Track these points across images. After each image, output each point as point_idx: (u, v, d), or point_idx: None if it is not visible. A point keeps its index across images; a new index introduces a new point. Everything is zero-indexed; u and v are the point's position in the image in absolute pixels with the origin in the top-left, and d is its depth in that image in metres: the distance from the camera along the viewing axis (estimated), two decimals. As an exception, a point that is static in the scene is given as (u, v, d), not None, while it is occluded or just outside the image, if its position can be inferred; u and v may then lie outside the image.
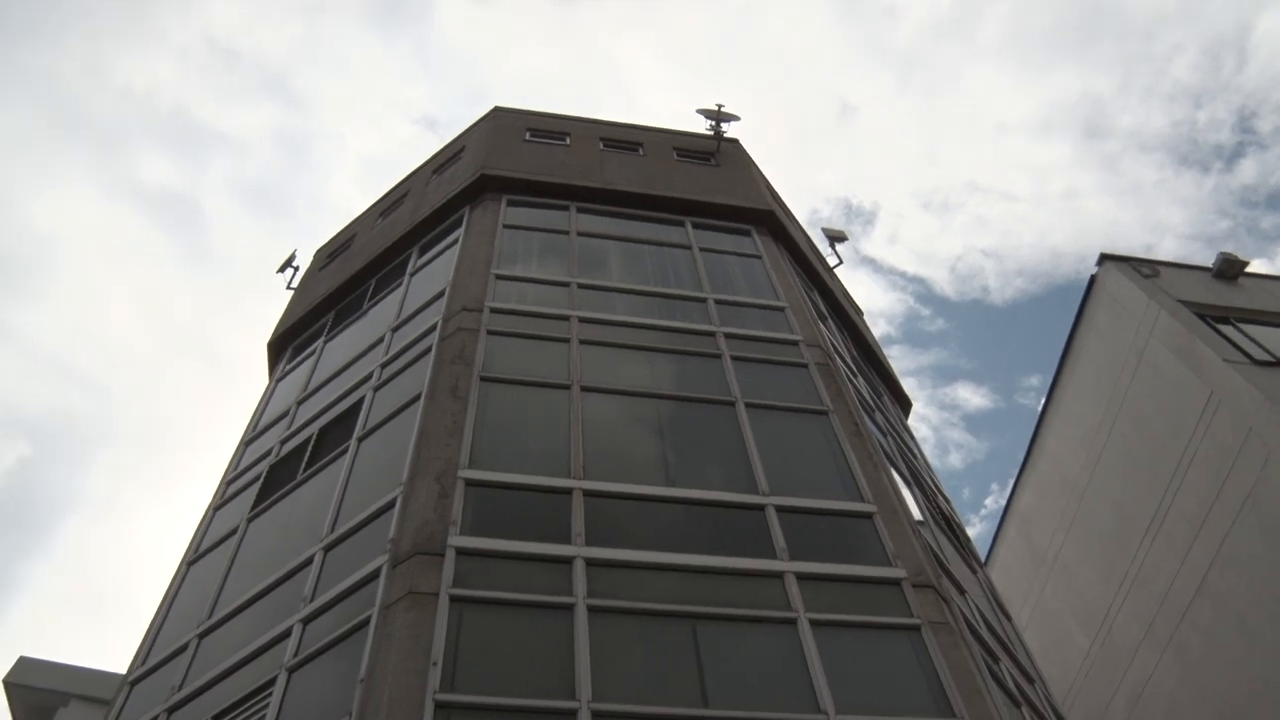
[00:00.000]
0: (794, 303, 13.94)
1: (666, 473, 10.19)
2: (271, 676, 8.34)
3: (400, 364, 12.38)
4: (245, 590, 10.08)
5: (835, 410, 11.49)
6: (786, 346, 12.77)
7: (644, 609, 8.25)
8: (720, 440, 10.75)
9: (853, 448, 10.83)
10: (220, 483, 13.61)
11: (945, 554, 11.29)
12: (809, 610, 8.41)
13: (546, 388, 11.14)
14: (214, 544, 11.89)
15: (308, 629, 8.66)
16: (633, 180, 16.87)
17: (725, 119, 18.74)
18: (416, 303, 13.86)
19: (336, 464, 11.22)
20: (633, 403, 11.32)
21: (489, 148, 17.53)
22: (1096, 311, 19.58)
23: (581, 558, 8.58)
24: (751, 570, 8.86)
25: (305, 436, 12.60)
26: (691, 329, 12.75)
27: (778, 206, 17.96)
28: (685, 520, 9.50)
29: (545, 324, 12.39)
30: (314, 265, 20.26)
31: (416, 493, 9.22)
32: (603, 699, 7.21)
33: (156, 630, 10.96)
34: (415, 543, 8.50)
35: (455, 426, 10.08)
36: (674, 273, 14.35)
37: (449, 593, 7.99)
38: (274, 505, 11.63)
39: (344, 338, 15.19)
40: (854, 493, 10.17)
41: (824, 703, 7.48)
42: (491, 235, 14.54)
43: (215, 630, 9.93)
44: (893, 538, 9.55)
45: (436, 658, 7.33)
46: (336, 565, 9.28)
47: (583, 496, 9.38)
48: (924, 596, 8.89)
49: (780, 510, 9.60)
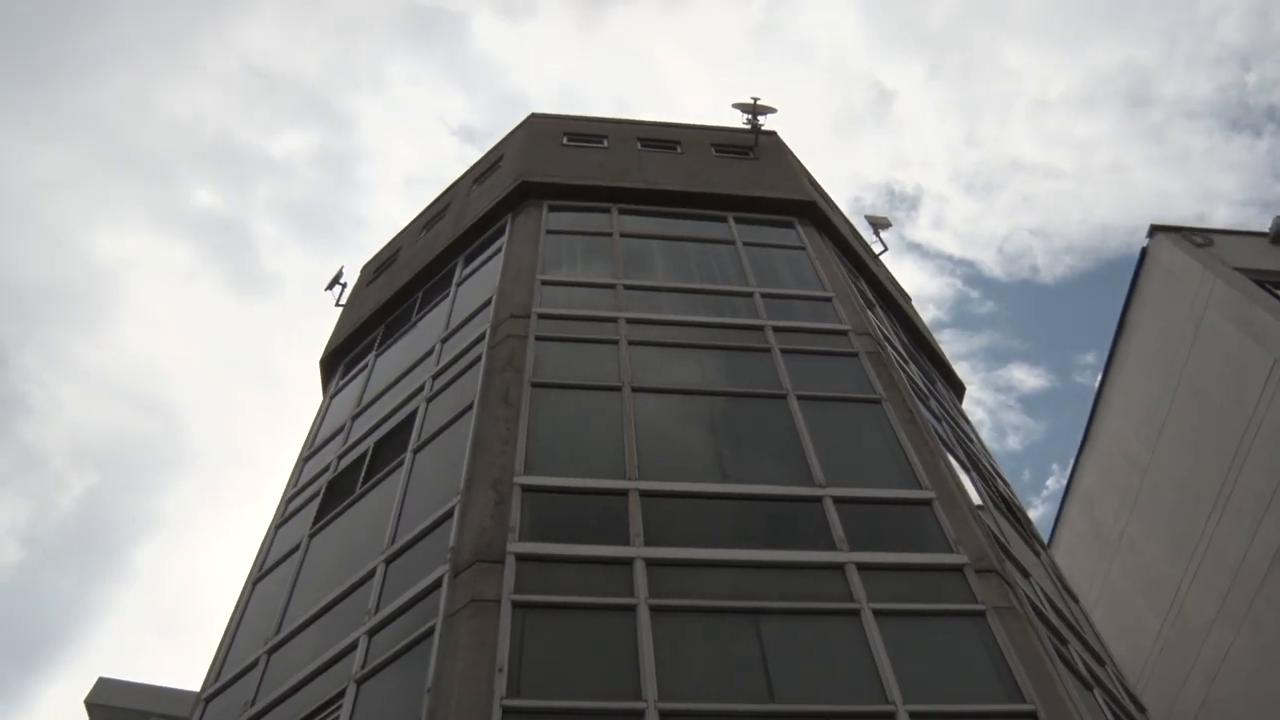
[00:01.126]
0: (841, 292, 13.85)
1: (721, 469, 10.18)
2: (341, 689, 8.42)
3: (451, 374, 12.46)
4: (311, 606, 10.20)
5: (888, 398, 11.40)
6: (836, 336, 12.69)
7: (706, 606, 8.25)
8: (774, 434, 10.71)
9: (908, 435, 10.74)
10: (281, 500, 13.78)
11: (1007, 538, 11.17)
12: (871, 600, 8.35)
13: (597, 390, 11.17)
14: (278, 561, 12.04)
15: (374, 641, 8.74)
16: (673, 178, 16.86)
17: (762, 112, 18.66)
18: (464, 312, 13.94)
19: (393, 476, 11.32)
20: (684, 401, 11.32)
21: (527, 154, 17.60)
22: (1149, 284, 19.27)
23: (641, 558, 8.58)
24: (812, 563, 8.81)
25: (361, 451, 12.72)
26: (739, 324, 12.71)
27: (819, 196, 17.86)
28: (742, 515, 9.48)
29: (593, 327, 12.41)
30: (361, 281, 20.45)
31: (474, 501, 9.27)
32: (669, 698, 7.21)
33: (227, 648, 11.12)
34: (475, 551, 8.55)
35: (509, 434, 10.12)
36: (719, 269, 14.32)
37: (511, 599, 8.03)
38: (334, 520, 11.75)
39: (394, 351, 15.32)
40: (911, 480, 10.08)
41: (891, 693, 7.42)
42: (535, 241, 14.58)
43: (283, 646, 10.06)
44: (953, 524, 9.45)
45: (502, 664, 7.37)
46: (399, 577, 9.35)
47: (639, 497, 9.38)
48: (987, 582, 8.79)
49: (838, 501, 9.54)
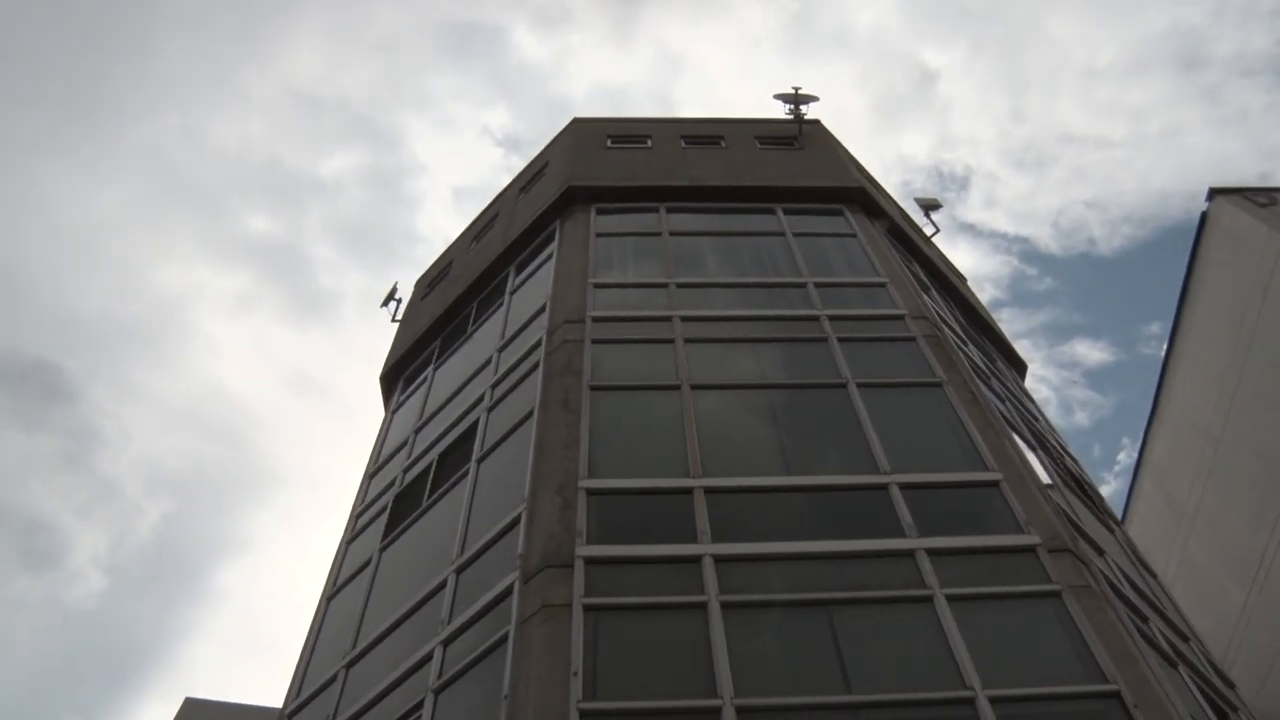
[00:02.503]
0: (894, 277, 13.74)
1: (785, 462, 10.14)
2: (419, 700, 8.52)
3: (510, 382, 12.54)
4: (385, 619, 10.32)
5: (949, 381, 11.28)
6: (892, 322, 12.59)
7: (777, 600, 8.23)
8: (835, 423, 10.65)
9: (971, 417, 10.63)
10: (350, 516, 13.95)
11: (1079, 515, 11.01)
12: (944, 585, 8.27)
13: (656, 390, 11.18)
14: (350, 576, 12.20)
15: (448, 650, 8.82)
16: (718, 174, 16.82)
17: (804, 101, 18.55)
18: (519, 321, 14.02)
19: (459, 487, 11.41)
20: (744, 396, 11.30)
21: (572, 159, 17.66)
22: (1212, 249, 18.88)
23: (709, 555, 8.58)
24: (881, 550, 8.75)
25: (426, 464, 12.84)
26: (794, 315, 12.65)
27: (867, 182, 17.72)
28: (808, 507, 9.44)
29: (648, 327, 12.42)
30: (415, 296, 20.64)
31: (540, 507, 9.33)
32: (745, 693, 7.19)
33: (306, 664, 11.28)
34: (544, 556, 8.60)
35: (570, 438, 10.17)
36: (770, 261, 14.27)
37: (582, 602, 8.06)
38: (403, 533, 11.88)
39: (452, 363, 15.44)
40: (977, 462, 9.97)
41: (969, 678, 7.34)
42: (585, 245, 14.62)
43: (361, 660, 10.19)
44: (1022, 504, 9.34)
45: (576, 668, 7.41)
46: (470, 586, 9.44)
47: (704, 494, 9.38)
48: (1061, 561, 8.66)
49: (903, 487, 9.46)
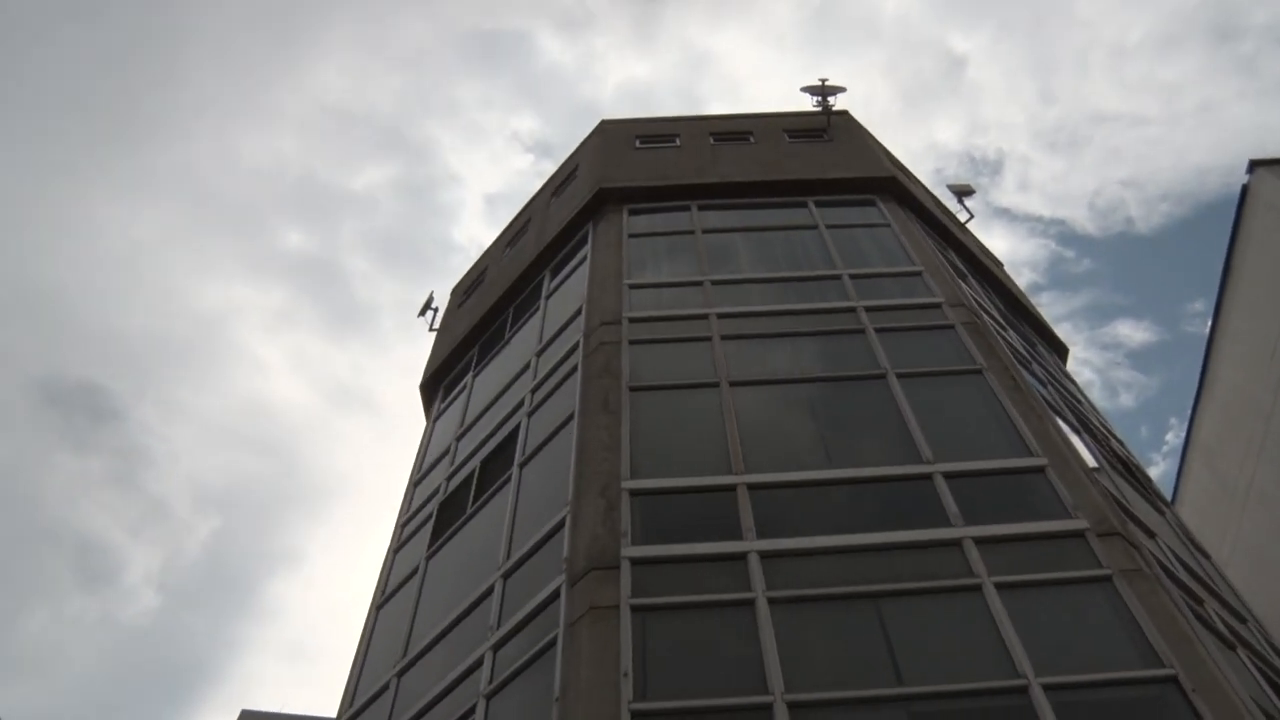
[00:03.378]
0: (930, 265, 13.65)
1: (827, 455, 10.12)
2: (471, 705, 8.57)
3: (549, 386, 12.59)
4: (434, 626, 10.39)
5: (989, 367, 11.20)
6: (929, 310, 12.51)
7: (824, 594, 8.20)
8: (876, 414, 10.61)
9: (1013, 403, 10.54)
10: (396, 526, 14.06)
11: (1127, 498, 10.89)
12: (992, 574, 8.21)
13: (695, 388, 11.18)
14: (399, 585, 12.29)
15: (498, 655, 8.87)
16: (748, 169, 16.79)
17: (831, 93, 18.49)
18: (556, 324, 14.07)
19: (502, 493, 11.47)
20: (783, 390, 11.28)
21: (602, 162, 17.69)
22: (1254, 222, 18.60)
23: (755, 551, 8.57)
24: (927, 541, 8.70)
25: (469, 470, 12.91)
26: (830, 308, 12.61)
27: (898, 171, 17.63)
28: (852, 500, 9.41)
29: (684, 326, 12.42)
30: (452, 304, 20.75)
31: (584, 510, 9.36)
32: (795, 689, 7.18)
33: (358, 673, 11.38)
34: (589, 558, 8.63)
35: (612, 440, 10.19)
36: (804, 254, 14.22)
37: (629, 603, 8.08)
38: (449, 541, 11.96)
39: (491, 369, 15.52)
40: (1021, 448, 9.90)
41: (1021, 666, 7.29)
42: (618, 247, 14.65)
43: (412, 668, 10.27)
44: (1069, 489, 9.25)
45: (626, 668, 7.43)
46: (517, 590, 9.48)
47: (747, 490, 9.37)
48: (1111, 545, 8.58)
49: (948, 476, 9.41)
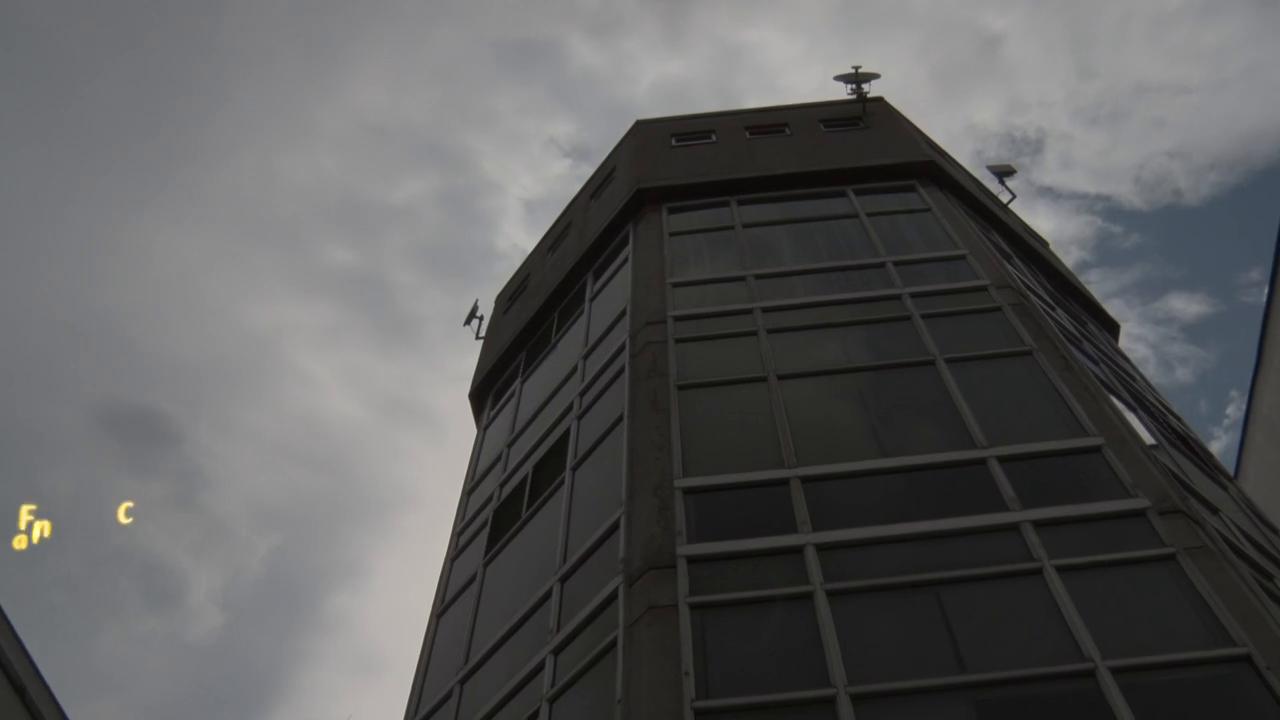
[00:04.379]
0: (974, 248, 13.54)
1: (879, 444, 10.06)
2: (534, 709, 8.62)
3: (597, 389, 12.62)
4: (494, 632, 10.46)
5: (1039, 348, 11.08)
6: (975, 293, 12.40)
7: (883, 584, 8.16)
8: (926, 401, 10.54)
9: (1065, 383, 10.43)
10: (452, 534, 14.16)
11: (1188, 474, 10.73)
12: (1053, 557, 8.13)
13: (743, 384, 11.16)
14: (457, 593, 12.39)
15: (559, 659, 8.91)
16: (786, 161, 16.73)
17: (865, 80, 18.39)
18: (601, 327, 14.11)
19: (556, 497, 11.52)
20: (831, 381, 11.23)
21: (639, 162, 17.71)
22: (1305, 188, 18.21)
23: (811, 544, 8.55)
24: (985, 526, 8.62)
25: (522, 476, 12.98)
26: (875, 296, 12.53)
27: (937, 155, 17.48)
28: (907, 488, 9.35)
29: (729, 321, 12.41)
30: (497, 312, 20.87)
31: (638, 510, 9.38)
32: (858, 681, 7.16)
33: (421, 682, 11.48)
34: (646, 558, 8.65)
35: (662, 439, 10.20)
36: (846, 244, 14.15)
37: (687, 602, 8.09)
38: (505, 547, 12.03)
39: (539, 375, 15.59)
40: (1076, 428, 9.78)
41: (1087, 650, 7.21)
42: (659, 246, 14.67)
43: (474, 675, 10.34)
44: (1127, 467, 9.13)
45: (687, 667, 7.43)
46: (575, 593, 9.52)
47: (800, 484, 9.35)
48: (1174, 523, 8.45)
49: (1002, 460, 9.32)
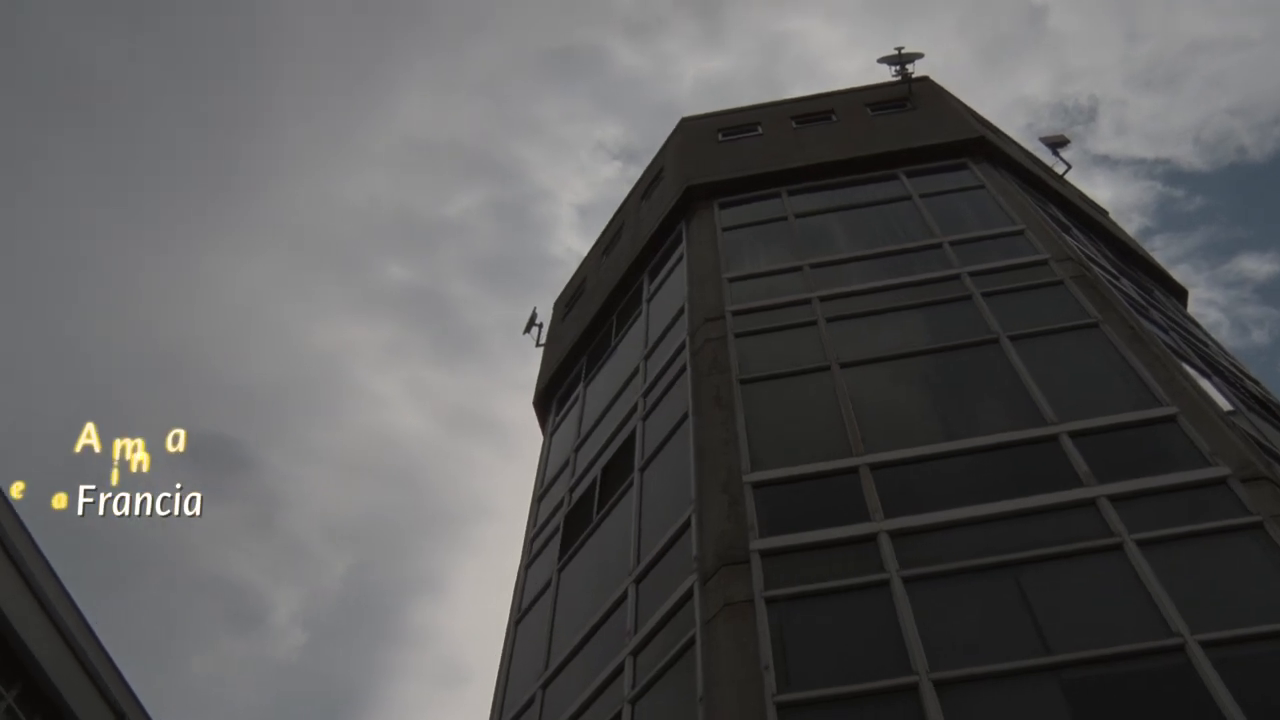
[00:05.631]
0: (1031, 222, 13.34)
1: (947, 427, 9.96)
2: (616, 711, 8.66)
3: (660, 389, 12.63)
4: (572, 637, 10.51)
5: (1105, 319, 10.89)
6: (1036, 268, 12.21)
7: (960, 568, 8.08)
8: (993, 380, 10.41)
9: (1135, 353, 10.23)
10: (525, 541, 14.25)
11: (1270, 439, 10.48)
12: (1132, 531, 7.98)
13: (806, 374, 11.11)
14: (533, 600, 12.46)
15: (639, 660, 8.94)
16: (834, 149, 16.61)
17: (909, 60, 18.19)
18: (660, 326, 14.12)
19: (626, 499, 11.55)
20: (895, 366, 11.14)
21: (687, 159, 17.69)
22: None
23: (884, 531, 8.49)
24: (1060, 504, 8.49)
25: (590, 480, 13.03)
26: (934, 278, 12.40)
27: (987, 130, 17.25)
28: (978, 469, 9.24)
29: (788, 313, 12.35)
30: (555, 318, 20.95)
31: (708, 507, 9.37)
32: (940, 667, 7.09)
33: (503, 689, 11.57)
34: (719, 555, 8.64)
35: (728, 434, 10.19)
36: (900, 227, 14.02)
37: (763, 596, 8.07)
38: (578, 551, 12.08)
39: (601, 378, 15.63)
40: (1148, 399, 9.59)
41: (1175, 624, 7.07)
42: (713, 242, 14.64)
43: (555, 679, 10.40)
44: (1204, 435, 8.93)
45: (766, 662, 7.42)
46: (650, 594, 9.54)
47: (870, 471, 9.28)
48: (1258, 490, 8.24)
49: (1074, 435, 9.17)
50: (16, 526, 13.00)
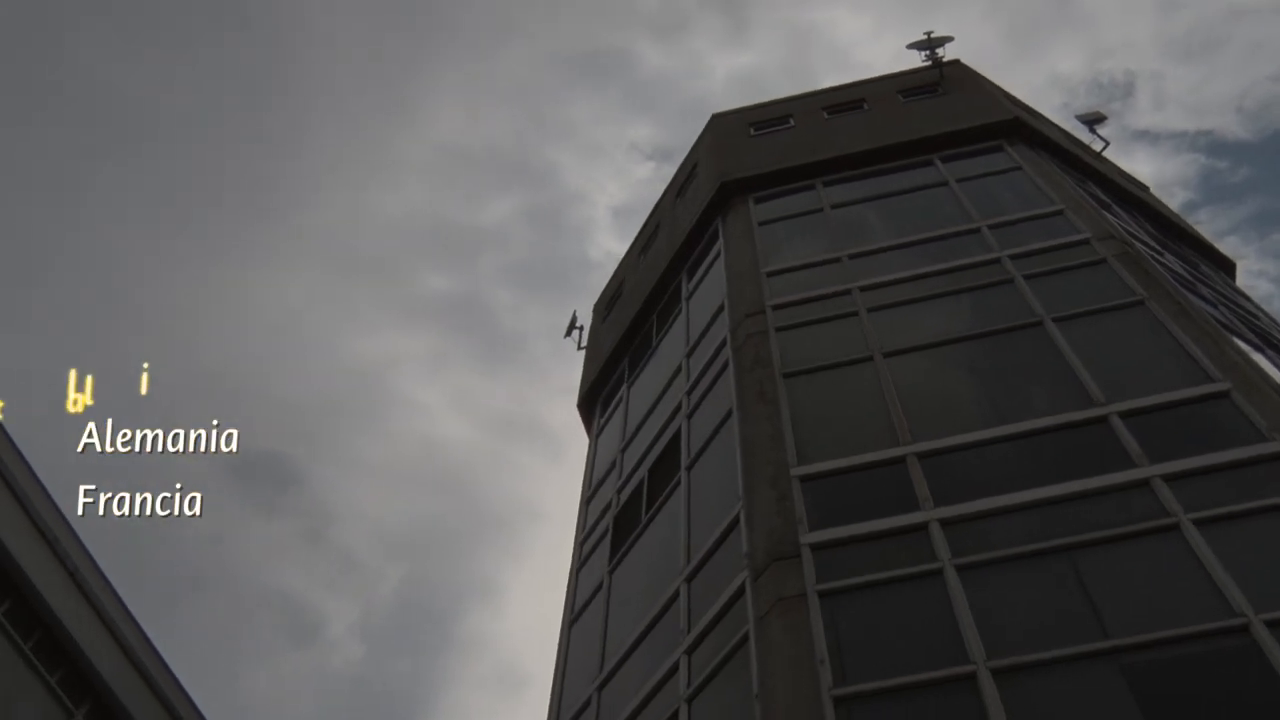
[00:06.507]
0: (1070, 201, 13.18)
1: (994, 412, 9.88)
2: (673, 710, 8.67)
3: (704, 386, 12.63)
4: (626, 638, 10.53)
5: (1151, 296, 10.73)
6: (1077, 248, 12.06)
7: (1013, 554, 8.00)
8: (1038, 363, 10.31)
9: (1182, 329, 10.08)
10: (575, 544, 14.30)
11: (1328, 411, 10.28)
12: (1189, 510, 7.87)
13: (849, 365, 11.06)
14: (586, 602, 12.50)
15: (693, 658, 8.94)
16: (867, 137, 16.52)
17: (939, 44, 18.04)
18: (701, 324, 14.11)
19: (674, 498, 11.56)
20: (938, 353, 11.06)
21: (720, 155, 17.66)
22: None
23: (935, 520, 8.43)
24: (1113, 485, 8.38)
25: (637, 481, 13.05)
26: (974, 262, 12.29)
27: (1022, 111, 17.08)
28: (1027, 454, 9.15)
29: (828, 305, 12.30)
30: (595, 320, 20.99)
31: (756, 503, 9.36)
32: (997, 655, 7.03)
33: (559, 693, 11.62)
34: (769, 550, 8.63)
35: (774, 429, 10.16)
36: (938, 213, 13.90)
37: (815, 590, 8.05)
38: (629, 552, 12.10)
39: (644, 378, 15.64)
40: (1199, 375, 9.44)
41: (1237, 604, 6.96)
42: (750, 237, 14.61)
43: (610, 681, 10.43)
44: (1260, 410, 8.76)
45: (822, 655, 7.39)
46: (702, 592, 9.54)
47: (917, 460, 9.23)
48: (1318, 463, 8.10)
49: (1124, 415, 9.05)
50: (79, 551, 13.23)
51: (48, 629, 12.69)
